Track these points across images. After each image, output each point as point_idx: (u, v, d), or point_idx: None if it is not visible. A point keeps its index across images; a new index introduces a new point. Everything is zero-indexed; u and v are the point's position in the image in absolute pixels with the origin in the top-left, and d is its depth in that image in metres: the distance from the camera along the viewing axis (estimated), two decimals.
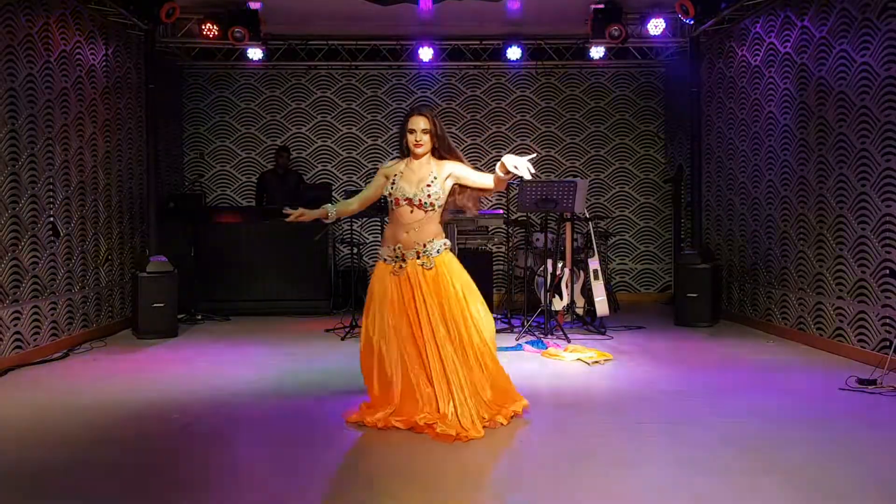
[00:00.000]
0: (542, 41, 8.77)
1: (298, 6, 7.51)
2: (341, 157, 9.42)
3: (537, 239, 7.69)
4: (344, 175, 9.38)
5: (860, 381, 4.61)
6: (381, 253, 4.03)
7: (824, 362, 5.44)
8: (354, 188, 8.90)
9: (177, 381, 5.01)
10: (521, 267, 8.03)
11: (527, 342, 6.15)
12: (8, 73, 5.36)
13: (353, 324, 6.60)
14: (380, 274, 4.00)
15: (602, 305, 6.82)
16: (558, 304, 6.89)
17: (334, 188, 9.09)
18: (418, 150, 3.94)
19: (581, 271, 7.15)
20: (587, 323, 6.93)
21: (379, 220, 8.19)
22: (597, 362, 5.45)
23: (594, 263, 6.93)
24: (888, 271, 5.08)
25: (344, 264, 8.66)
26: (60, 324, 6.07)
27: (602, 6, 7.55)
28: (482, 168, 9.35)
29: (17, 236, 5.46)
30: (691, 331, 6.92)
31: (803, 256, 6.16)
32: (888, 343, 5.02)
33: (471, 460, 3.43)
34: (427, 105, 4.05)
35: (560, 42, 8.81)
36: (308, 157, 9.40)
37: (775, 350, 6.01)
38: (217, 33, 7.69)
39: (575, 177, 8.97)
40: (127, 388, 4.81)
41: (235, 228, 8.10)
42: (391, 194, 3.94)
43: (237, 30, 7.53)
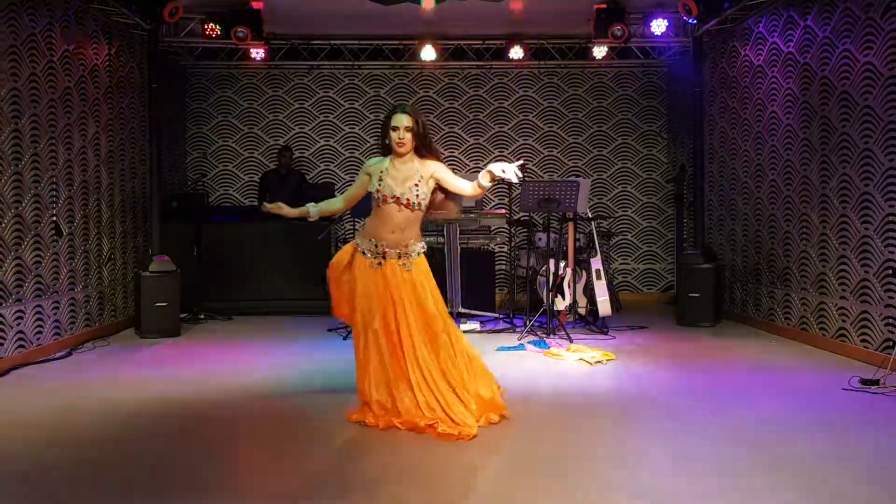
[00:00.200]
0: (544, 41, 8.77)
1: (301, 6, 7.51)
2: (344, 157, 9.42)
3: (539, 239, 7.69)
4: (346, 175, 9.38)
5: (863, 382, 4.60)
6: (359, 244, 4.03)
7: (827, 362, 5.44)
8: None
9: (179, 380, 5.02)
10: (523, 267, 8.03)
11: (529, 342, 6.15)
12: (11, 73, 5.37)
13: None
14: (361, 268, 4.01)
15: (604, 305, 6.81)
16: (560, 303, 6.88)
17: (336, 188, 9.08)
18: (401, 149, 3.95)
19: (583, 271, 7.15)
20: (589, 323, 6.93)
21: None
22: (599, 362, 5.45)
23: (596, 263, 6.93)
24: (891, 271, 5.07)
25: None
26: (63, 323, 6.08)
27: (605, 6, 7.55)
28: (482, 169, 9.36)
29: (20, 235, 5.47)
30: (694, 331, 6.91)
31: (806, 256, 6.15)
32: (891, 343, 5.02)
33: (472, 460, 3.43)
34: (409, 104, 4.07)
35: (563, 42, 8.80)
36: (310, 157, 9.40)
37: (778, 350, 6.00)
38: (220, 33, 7.70)
39: (577, 176, 8.96)
40: (129, 387, 4.82)
41: (238, 228, 8.12)
42: (378, 191, 3.95)
43: (240, 29, 7.54)
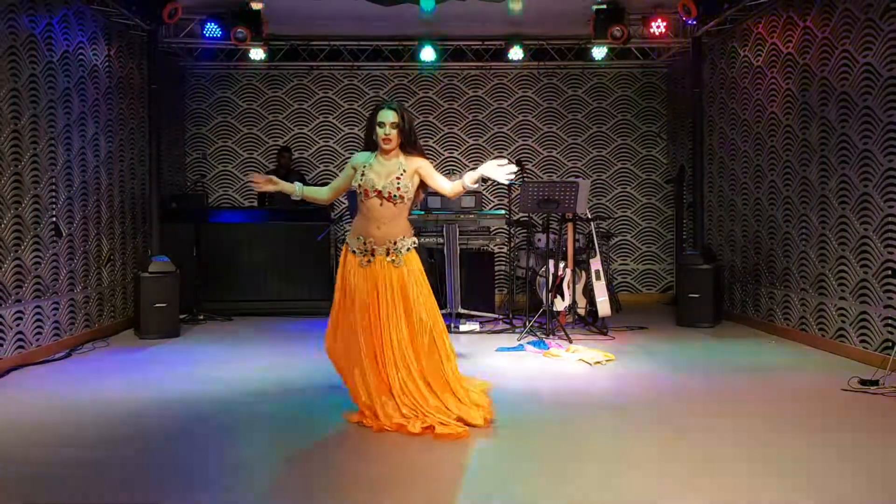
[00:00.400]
0: (544, 42, 8.78)
1: (301, 7, 7.51)
2: (343, 158, 9.42)
3: (539, 239, 7.69)
4: None
5: (862, 382, 4.60)
6: (349, 243, 4.04)
7: (826, 363, 5.44)
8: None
9: (179, 381, 5.01)
10: (522, 267, 8.03)
11: (529, 343, 6.15)
12: (11, 73, 5.37)
13: None
14: (351, 267, 4.00)
15: (604, 306, 6.82)
16: (560, 304, 6.88)
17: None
18: (387, 146, 3.93)
19: (583, 272, 7.15)
20: (589, 323, 6.93)
21: None
22: (599, 363, 5.45)
23: (596, 264, 6.93)
24: (890, 272, 5.07)
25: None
26: (63, 324, 6.08)
27: (604, 7, 7.55)
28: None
29: (19, 236, 5.47)
30: (693, 331, 6.91)
31: (805, 257, 6.16)
32: (890, 343, 5.02)
33: (471, 460, 3.43)
34: (395, 100, 4.07)
35: (562, 42, 8.81)
36: (310, 158, 9.41)
37: (777, 351, 6.00)
38: (219, 34, 7.71)
39: (577, 177, 8.96)
40: (129, 388, 4.82)
41: (237, 229, 8.12)
42: (360, 185, 3.94)
43: (239, 30, 7.53)
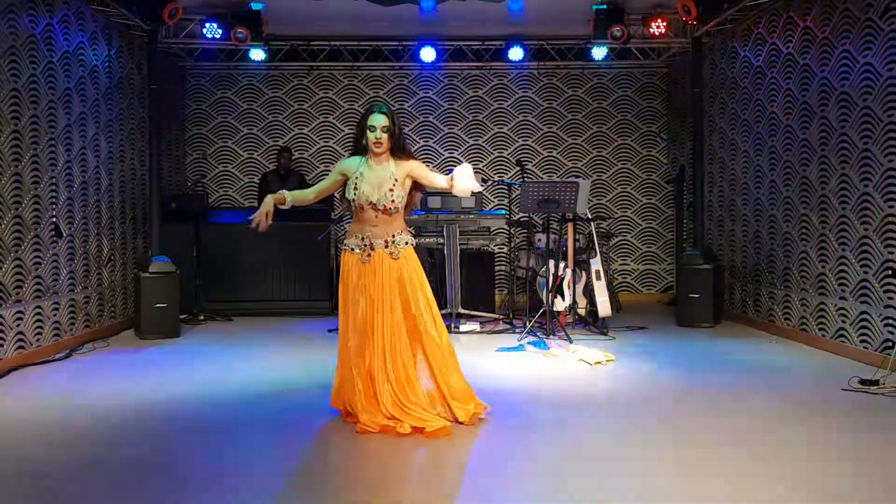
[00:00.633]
0: (544, 42, 8.78)
1: (301, 7, 7.51)
2: (343, 158, 9.41)
3: (539, 239, 7.69)
4: None
5: (862, 382, 4.60)
6: (347, 244, 4.06)
7: (826, 363, 5.44)
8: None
9: (179, 381, 5.01)
10: (522, 267, 8.02)
11: (529, 343, 6.15)
12: (11, 74, 5.37)
13: None
14: (350, 266, 4.01)
15: (604, 306, 6.81)
16: (560, 304, 6.88)
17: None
18: (377, 150, 3.95)
19: (583, 272, 7.15)
20: (589, 323, 6.93)
21: None
22: (599, 363, 5.45)
23: (596, 264, 6.93)
24: (890, 272, 5.07)
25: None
26: (63, 324, 6.08)
27: (604, 7, 7.55)
28: (484, 170, 9.37)
29: (19, 236, 5.47)
30: (693, 331, 6.91)
31: (805, 257, 6.16)
32: (891, 343, 5.02)
33: (471, 460, 3.44)
34: (385, 103, 4.08)
35: (562, 42, 8.81)
36: (310, 158, 9.40)
37: (777, 350, 6.00)
38: (220, 34, 7.71)
39: (577, 177, 8.96)
40: (129, 388, 4.82)
41: (238, 229, 8.10)
42: (355, 200, 3.97)
43: (239, 30, 7.53)
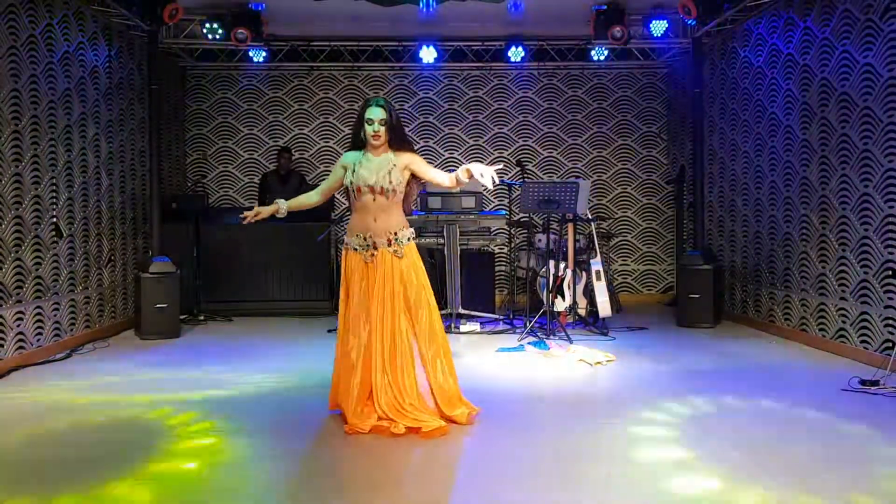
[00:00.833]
0: (544, 42, 8.78)
1: (301, 7, 7.52)
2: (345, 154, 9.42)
3: (539, 240, 7.69)
4: None
5: (862, 382, 4.61)
6: (348, 242, 4.04)
7: (827, 363, 5.44)
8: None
9: (179, 381, 5.02)
10: (523, 268, 8.03)
11: (529, 343, 6.15)
12: (11, 74, 5.38)
13: None
14: (353, 265, 4.01)
15: (604, 306, 6.82)
16: (560, 304, 6.88)
17: None
18: (375, 142, 3.96)
19: (583, 272, 7.15)
20: (589, 324, 6.94)
21: None
22: (599, 363, 5.46)
23: (596, 264, 6.93)
24: (891, 272, 5.07)
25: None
26: (63, 324, 6.08)
27: (604, 7, 7.56)
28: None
29: (20, 237, 5.47)
30: (694, 332, 6.92)
31: (806, 257, 6.16)
32: (891, 344, 5.02)
33: (471, 460, 3.44)
34: (383, 97, 4.09)
35: (562, 43, 8.81)
36: (310, 158, 9.41)
37: (778, 351, 6.00)
38: (220, 34, 7.71)
39: (577, 178, 8.97)
40: (129, 388, 4.82)
41: (238, 229, 8.10)
42: (352, 183, 3.96)
43: (240, 31, 7.54)
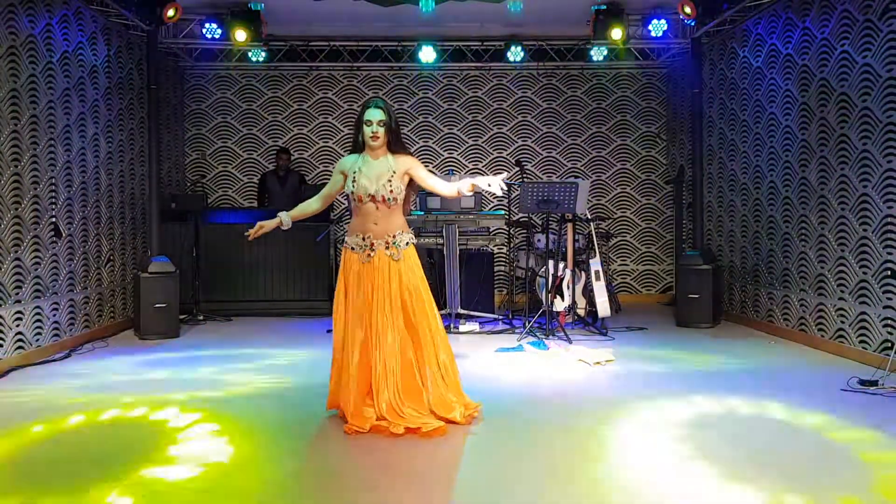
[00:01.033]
0: (543, 42, 8.79)
1: (300, 7, 7.52)
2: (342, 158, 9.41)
3: (539, 240, 7.69)
4: None
5: (861, 382, 4.62)
6: (347, 242, 4.07)
7: (826, 363, 5.45)
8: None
9: (178, 381, 5.01)
10: (522, 268, 8.03)
11: (528, 343, 6.16)
12: (10, 74, 5.37)
13: None
14: (351, 265, 4.03)
15: (603, 306, 6.82)
16: (560, 304, 6.89)
17: None
18: (374, 143, 3.99)
19: (582, 272, 7.15)
20: (589, 324, 6.94)
21: None
22: (598, 363, 5.46)
23: (595, 264, 6.94)
24: (889, 272, 5.08)
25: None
26: (62, 324, 6.08)
27: (604, 7, 7.57)
28: (483, 170, 9.37)
29: (19, 237, 5.47)
30: (693, 332, 6.92)
31: (805, 257, 6.16)
32: (890, 344, 5.03)
33: (470, 460, 3.44)
34: (382, 99, 4.11)
35: (561, 43, 8.82)
36: (309, 158, 9.41)
37: (777, 351, 6.01)
38: (219, 34, 7.72)
39: (576, 178, 8.97)
40: (128, 388, 4.82)
41: (237, 229, 8.10)
42: (353, 192, 4.00)
43: (239, 31, 7.54)
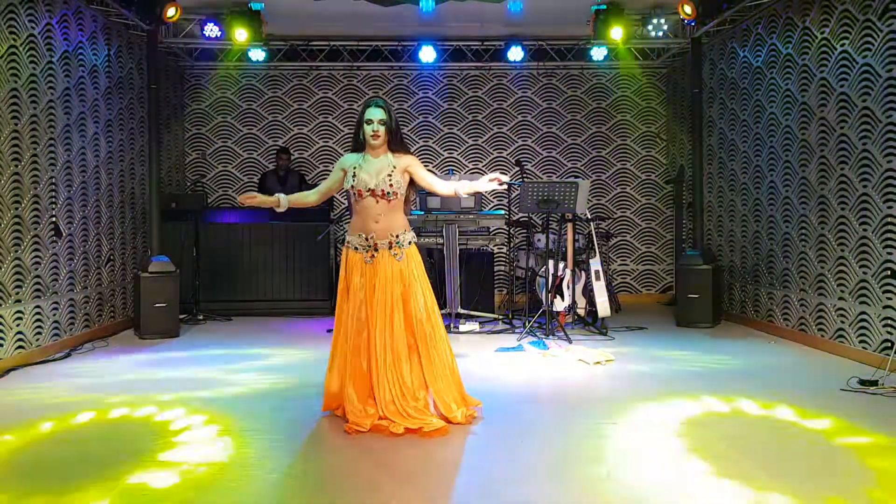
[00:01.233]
0: (543, 42, 8.79)
1: (300, 7, 7.52)
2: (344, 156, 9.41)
3: (539, 239, 7.69)
4: None
5: (861, 382, 4.62)
6: (349, 241, 4.06)
7: (826, 363, 5.45)
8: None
9: (178, 381, 5.02)
10: (522, 267, 8.03)
11: (528, 343, 6.16)
12: (11, 74, 5.37)
13: None
14: (353, 265, 4.03)
15: (603, 306, 6.82)
16: (560, 304, 6.89)
17: None
18: (375, 142, 3.98)
19: (582, 272, 7.15)
20: (588, 324, 6.94)
21: None
22: (598, 363, 5.46)
23: (595, 264, 6.94)
24: (890, 272, 5.08)
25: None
26: (62, 324, 6.08)
27: (604, 7, 7.56)
28: (483, 170, 9.37)
29: (19, 236, 5.47)
30: (693, 332, 6.92)
31: (805, 257, 6.16)
32: (890, 344, 5.03)
33: (470, 460, 3.44)
34: (382, 98, 4.13)
35: (561, 43, 8.82)
36: (309, 158, 9.41)
37: (777, 351, 6.01)
38: (219, 34, 7.72)
39: (576, 177, 8.98)
40: (128, 388, 4.82)
41: (237, 229, 8.12)
42: (353, 187, 3.99)
43: (239, 30, 7.55)
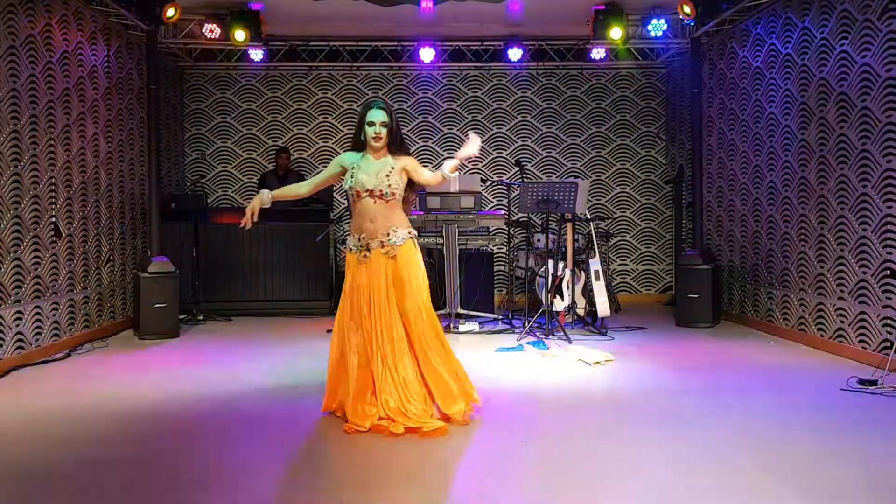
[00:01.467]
0: (542, 42, 8.79)
1: (300, 7, 7.52)
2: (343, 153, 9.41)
3: (538, 239, 7.69)
4: None
5: (861, 382, 4.62)
6: (347, 243, 4.12)
7: (825, 363, 5.45)
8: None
9: (178, 381, 5.01)
10: (522, 267, 8.03)
11: (528, 343, 6.16)
12: (10, 74, 5.37)
13: None
14: (352, 266, 4.08)
15: (603, 306, 6.82)
16: (559, 304, 6.89)
17: (335, 188, 9.09)
18: (376, 144, 4.00)
19: (582, 272, 7.15)
20: (588, 324, 6.94)
21: None
22: (598, 363, 5.46)
23: (595, 264, 6.94)
24: (889, 272, 5.08)
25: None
26: (62, 324, 6.08)
27: (603, 7, 7.57)
28: (483, 170, 9.37)
29: (19, 237, 5.47)
30: (692, 331, 6.92)
31: (804, 257, 6.16)
32: (889, 344, 5.03)
33: (470, 460, 3.44)
34: (383, 100, 4.15)
35: (561, 43, 8.82)
36: (309, 158, 9.41)
37: (776, 351, 6.01)
38: (218, 34, 7.71)
39: (576, 177, 8.98)
40: (128, 388, 4.82)
41: (237, 229, 8.07)
42: (352, 188, 4.01)
43: (238, 31, 7.55)
